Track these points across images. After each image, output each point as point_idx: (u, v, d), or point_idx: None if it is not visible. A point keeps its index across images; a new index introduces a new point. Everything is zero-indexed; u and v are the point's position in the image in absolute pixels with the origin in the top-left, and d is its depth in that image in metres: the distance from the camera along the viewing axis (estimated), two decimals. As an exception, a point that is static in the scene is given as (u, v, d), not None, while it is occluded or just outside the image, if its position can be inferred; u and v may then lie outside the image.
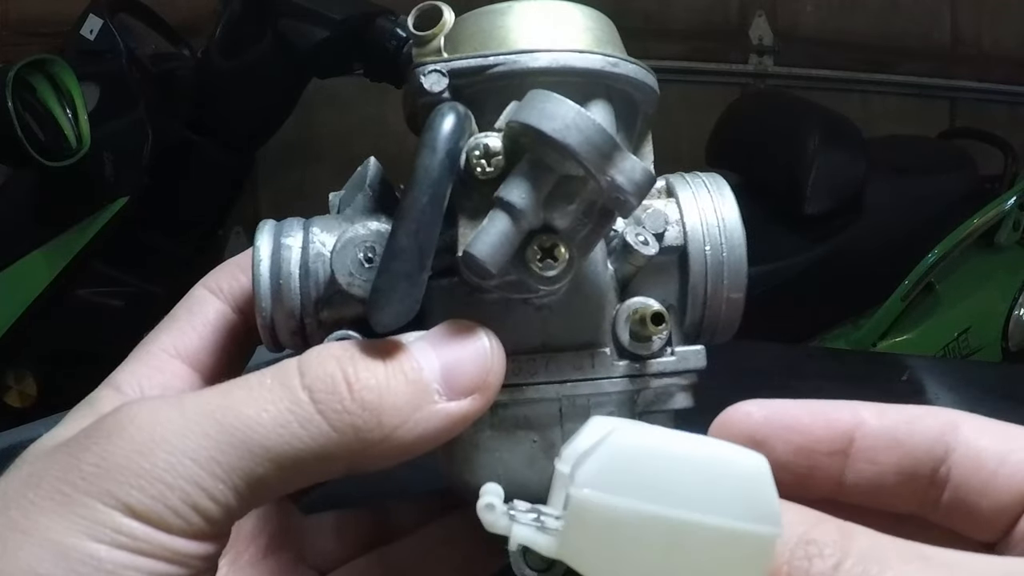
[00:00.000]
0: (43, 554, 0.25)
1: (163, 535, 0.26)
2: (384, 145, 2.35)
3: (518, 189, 0.29)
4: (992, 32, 2.46)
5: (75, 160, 1.35)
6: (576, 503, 0.25)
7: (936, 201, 1.71)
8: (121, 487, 0.26)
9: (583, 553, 0.25)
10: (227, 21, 1.51)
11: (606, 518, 0.24)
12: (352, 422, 0.28)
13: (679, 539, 0.24)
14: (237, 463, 0.27)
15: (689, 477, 0.25)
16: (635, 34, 1.90)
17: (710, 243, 0.35)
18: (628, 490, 0.25)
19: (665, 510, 0.24)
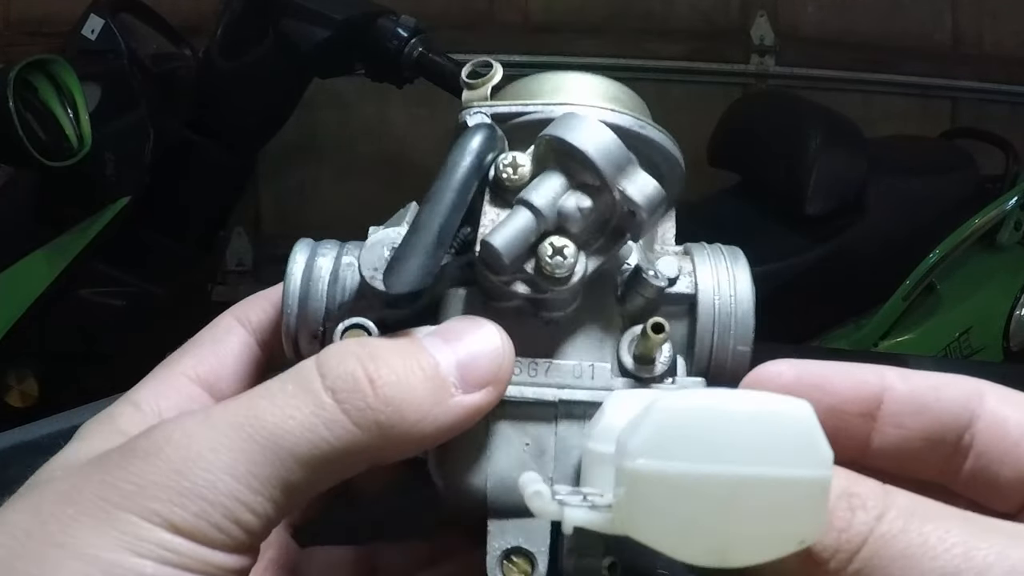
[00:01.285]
0: (87, 569, 0.25)
1: (207, 550, 0.26)
2: (385, 145, 2.37)
3: (538, 191, 0.31)
4: (993, 32, 2.46)
5: (76, 160, 1.35)
6: (632, 474, 0.25)
7: (937, 201, 1.71)
8: (164, 505, 0.26)
9: (643, 522, 0.25)
10: (228, 21, 1.51)
11: (663, 484, 0.25)
12: (376, 419, 0.28)
13: (736, 495, 0.25)
14: (271, 473, 0.27)
15: (738, 432, 0.25)
16: (636, 34, 1.90)
17: (719, 296, 0.36)
18: (681, 454, 0.25)
19: (720, 468, 0.25)
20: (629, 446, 0.25)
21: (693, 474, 0.25)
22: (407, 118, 2.26)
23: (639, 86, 0.38)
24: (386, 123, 2.27)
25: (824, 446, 0.25)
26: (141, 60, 1.50)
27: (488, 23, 2.31)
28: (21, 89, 1.31)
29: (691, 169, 0.40)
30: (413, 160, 2.29)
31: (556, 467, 0.31)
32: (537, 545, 0.31)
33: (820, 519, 0.25)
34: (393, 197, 0.39)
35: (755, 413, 0.25)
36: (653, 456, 0.25)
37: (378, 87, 1.48)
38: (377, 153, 2.27)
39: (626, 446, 0.25)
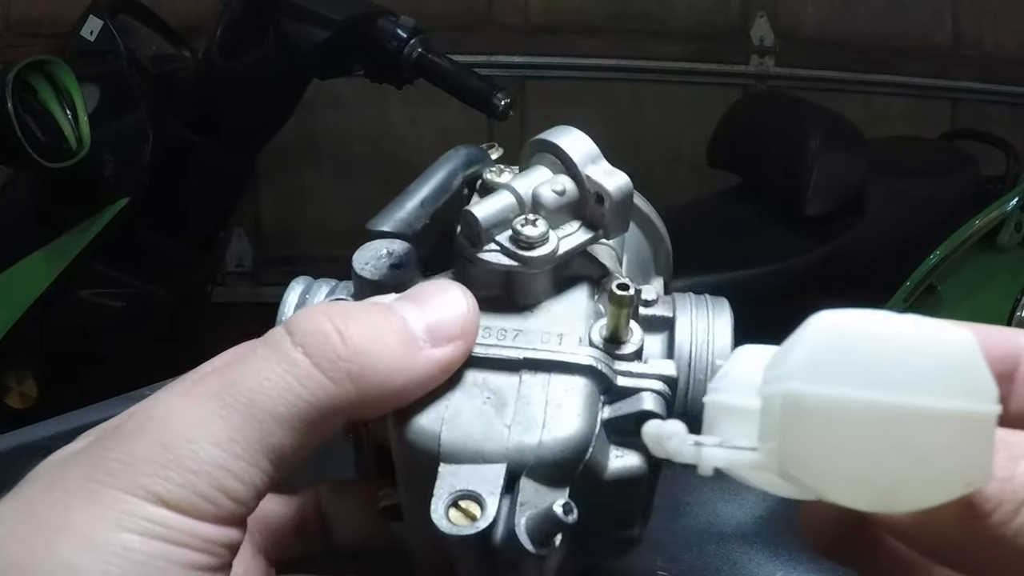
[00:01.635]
0: (76, 547, 0.25)
1: (194, 522, 0.26)
2: (385, 145, 2.37)
3: (518, 179, 0.35)
4: (994, 33, 2.46)
5: (75, 161, 1.35)
6: (788, 399, 0.23)
7: (938, 202, 1.71)
8: (150, 479, 0.26)
9: (799, 457, 0.23)
10: (228, 22, 1.51)
11: (823, 412, 0.22)
12: (348, 370, 0.28)
13: (901, 427, 0.22)
14: (253, 437, 0.27)
15: (902, 358, 0.23)
16: (636, 35, 1.90)
17: (697, 322, 0.36)
18: (841, 378, 0.23)
19: (883, 396, 0.22)
20: (784, 369, 0.23)
21: (855, 400, 0.22)
22: (407, 119, 2.26)
23: (639, 87, 0.38)
24: (386, 124, 2.27)
25: (990, 379, 0.23)
26: (140, 61, 1.49)
27: (488, 24, 2.31)
28: (20, 90, 1.31)
29: (691, 170, 0.40)
30: (413, 161, 2.27)
31: (515, 418, 0.31)
32: (488, 488, 0.29)
33: (987, 460, 0.23)
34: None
35: (919, 339, 0.23)
36: (811, 380, 0.23)
37: (378, 88, 1.47)
38: (377, 154, 2.27)
39: (780, 369, 0.23)
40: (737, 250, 1.61)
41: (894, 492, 0.23)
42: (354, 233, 0.37)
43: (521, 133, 2.35)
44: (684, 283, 1.57)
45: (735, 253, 1.60)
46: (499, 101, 1.36)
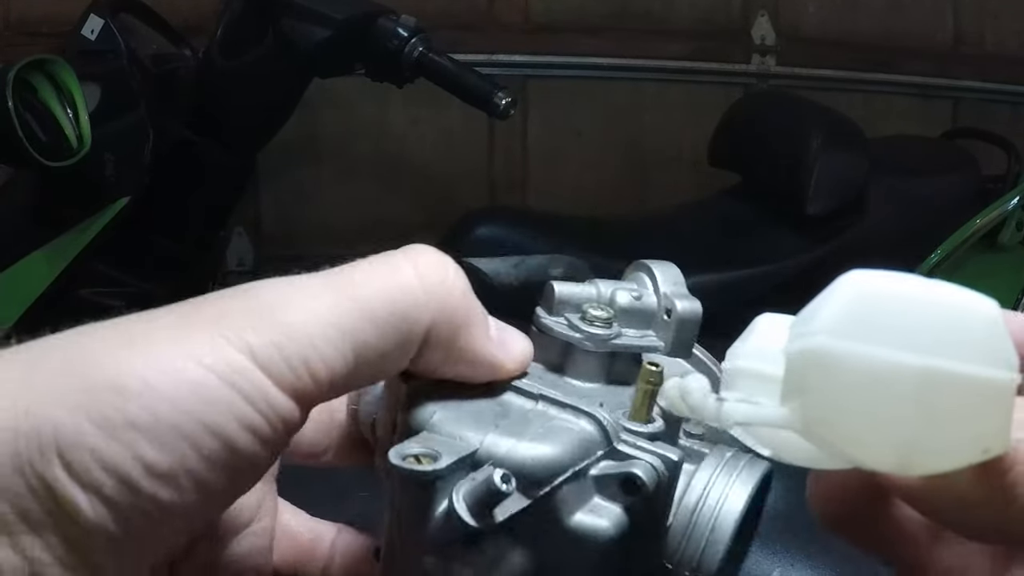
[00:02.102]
0: (152, 364, 0.26)
1: (270, 385, 0.26)
2: (385, 145, 2.38)
3: (604, 281, 0.37)
4: (995, 32, 2.46)
5: (76, 160, 1.35)
6: (817, 353, 0.23)
7: (939, 201, 1.71)
8: (244, 329, 0.26)
9: (823, 414, 0.23)
10: (228, 21, 1.51)
11: (850, 368, 0.22)
12: (442, 298, 0.30)
13: (924, 389, 0.22)
14: (348, 325, 0.28)
15: (928, 322, 0.23)
16: (637, 34, 1.91)
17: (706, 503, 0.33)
18: (870, 337, 0.23)
19: (913, 357, 0.22)
20: (812, 325, 0.23)
21: (882, 359, 0.22)
22: (407, 118, 2.26)
23: (640, 86, 0.38)
24: (386, 123, 2.27)
25: (1012, 349, 0.23)
26: (141, 60, 1.49)
27: (488, 23, 2.31)
28: (20, 89, 1.31)
29: (692, 169, 0.40)
30: (413, 160, 2.29)
31: (507, 424, 0.31)
32: (451, 453, 0.30)
33: (1005, 427, 0.23)
34: (393, 197, 0.39)
35: (947, 304, 0.23)
36: (840, 336, 0.23)
37: (378, 87, 1.47)
38: (377, 153, 2.27)
39: (807, 326, 0.23)
40: (738, 249, 1.61)
41: (913, 454, 0.23)
42: (354, 232, 0.37)
43: (522, 132, 2.35)
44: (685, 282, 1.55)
45: (736, 252, 1.60)
46: (500, 100, 1.37)
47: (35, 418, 0.25)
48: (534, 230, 1.55)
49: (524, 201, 2.38)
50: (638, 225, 1.75)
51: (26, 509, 0.25)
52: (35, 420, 0.25)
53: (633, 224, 1.76)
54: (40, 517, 0.25)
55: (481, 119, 1.57)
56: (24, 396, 0.25)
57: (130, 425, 0.25)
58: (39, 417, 0.25)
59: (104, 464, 0.25)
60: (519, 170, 2.38)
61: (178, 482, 0.25)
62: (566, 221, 1.69)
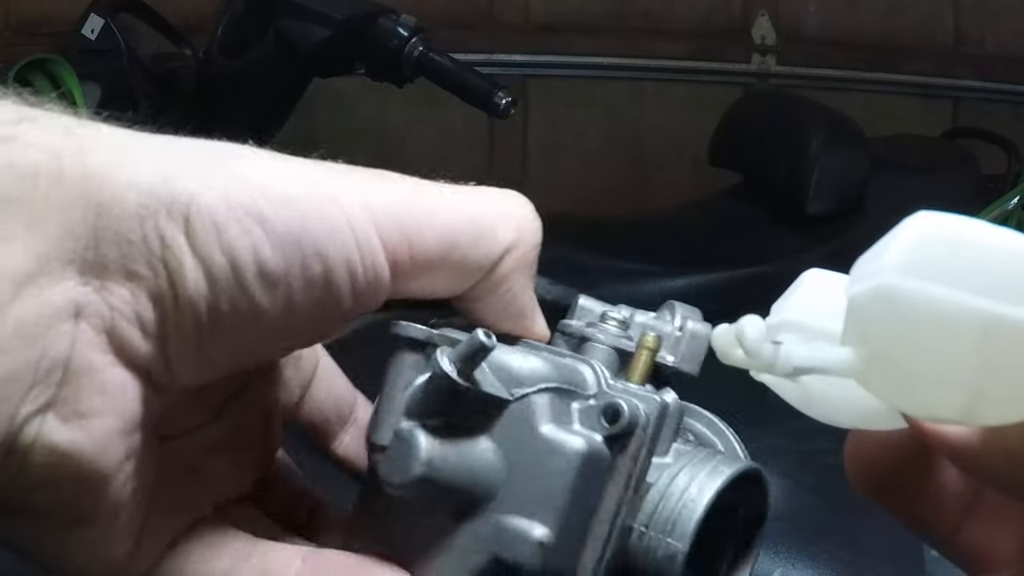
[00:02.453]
0: (289, 176, 0.28)
1: (379, 245, 0.29)
2: (385, 145, 2.37)
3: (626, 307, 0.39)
4: (995, 32, 2.46)
5: (76, 160, 1.35)
6: (885, 290, 0.22)
7: (939, 201, 1.69)
8: (368, 192, 0.31)
9: (888, 352, 0.22)
10: (228, 21, 1.51)
11: (922, 308, 0.22)
12: (529, 241, 0.32)
13: (997, 335, 0.21)
14: (455, 226, 0.30)
15: (999, 268, 0.22)
16: (637, 33, 1.90)
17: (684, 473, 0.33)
18: (941, 278, 0.22)
19: (984, 301, 0.22)
20: (878, 264, 0.22)
21: (953, 301, 0.21)
22: (407, 118, 2.26)
23: (640, 86, 0.38)
24: (386, 122, 2.27)
25: None
26: (141, 60, 1.49)
27: (488, 22, 2.31)
28: (21, 89, 1.31)
29: (692, 168, 0.40)
30: (413, 160, 2.28)
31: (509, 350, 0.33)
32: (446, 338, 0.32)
33: None
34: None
35: (1016, 250, 0.22)
36: (909, 275, 0.22)
37: (378, 87, 1.47)
38: (377, 153, 2.25)
39: (873, 265, 0.23)
40: (738, 249, 1.61)
41: (979, 404, 0.22)
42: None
43: (522, 132, 2.35)
44: (685, 281, 1.57)
45: (736, 252, 1.59)
46: (500, 100, 1.36)
47: (174, 183, 0.26)
48: (534, 230, 1.55)
49: (524, 201, 2.37)
50: (638, 225, 1.75)
51: (131, 258, 0.25)
52: (173, 185, 0.26)
53: (633, 224, 1.76)
54: (142, 270, 0.25)
55: (481, 119, 1.57)
56: (166, 163, 0.26)
57: (261, 220, 0.26)
58: (178, 183, 0.26)
59: (224, 245, 0.26)
60: (519, 170, 2.38)
61: (277, 291, 0.26)
62: (566, 221, 1.69)
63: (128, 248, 0.25)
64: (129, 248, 0.25)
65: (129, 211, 0.25)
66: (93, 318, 0.25)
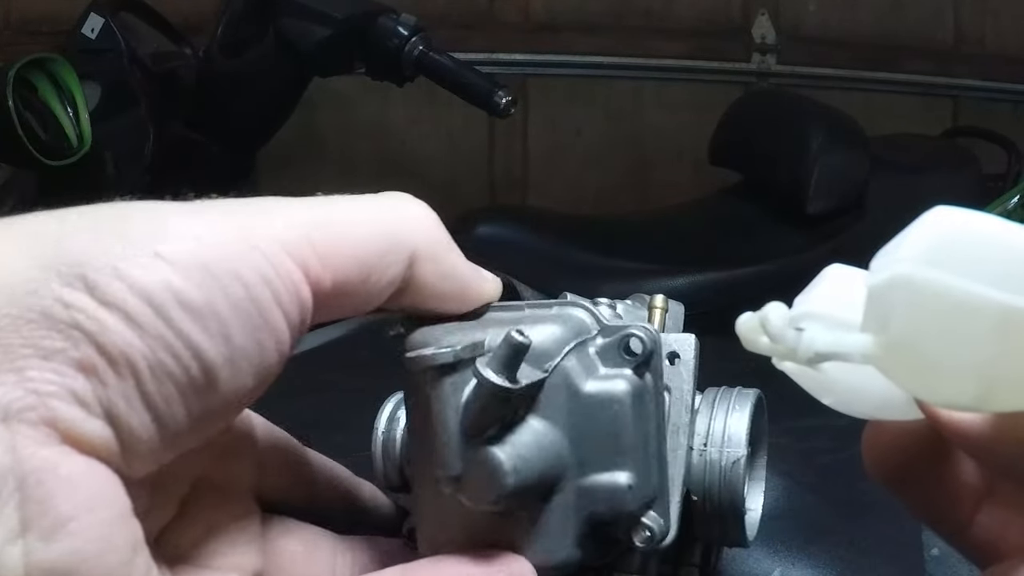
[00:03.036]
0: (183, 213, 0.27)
1: (296, 269, 0.27)
2: (386, 144, 2.37)
3: None
4: (995, 31, 2.46)
5: (76, 159, 1.35)
6: (904, 279, 0.23)
7: (939, 200, 1.68)
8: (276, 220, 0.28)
9: (907, 339, 0.23)
10: (228, 20, 1.51)
11: (940, 297, 0.23)
12: (429, 226, 0.32)
13: (1004, 323, 0.23)
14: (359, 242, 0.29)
15: (1012, 261, 0.23)
16: (637, 32, 1.91)
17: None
18: (957, 269, 0.23)
19: (998, 293, 0.23)
20: (899, 254, 0.23)
21: (970, 291, 0.22)
22: (407, 117, 2.26)
23: (640, 85, 0.38)
24: (387, 122, 2.27)
25: None
26: (141, 59, 1.49)
27: (489, 22, 2.31)
28: (21, 88, 1.31)
29: (693, 168, 0.40)
30: (413, 159, 2.29)
31: (506, 321, 0.34)
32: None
33: None
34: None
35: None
36: (926, 264, 0.23)
37: (378, 86, 1.47)
38: (378, 152, 2.27)
39: (894, 255, 0.24)
40: (738, 248, 1.61)
41: (992, 390, 0.23)
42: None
43: (522, 131, 2.35)
44: (685, 281, 1.57)
45: (736, 251, 1.60)
46: (500, 99, 1.36)
47: (63, 246, 0.24)
48: (534, 229, 1.55)
49: (524, 200, 2.38)
50: (638, 224, 1.75)
51: (39, 336, 0.23)
52: (62, 248, 0.24)
53: (633, 223, 1.76)
54: (56, 344, 0.23)
55: (481, 118, 1.57)
56: (56, 230, 0.25)
57: (163, 255, 0.24)
58: (67, 245, 0.24)
59: (134, 288, 0.24)
60: (519, 169, 2.38)
61: (208, 323, 0.24)
62: (566, 220, 1.69)
63: (31, 327, 0.23)
64: (32, 327, 0.23)
65: (18, 290, 0.23)
66: (24, 412, 0.22)
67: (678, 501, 0.34)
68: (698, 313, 0.49)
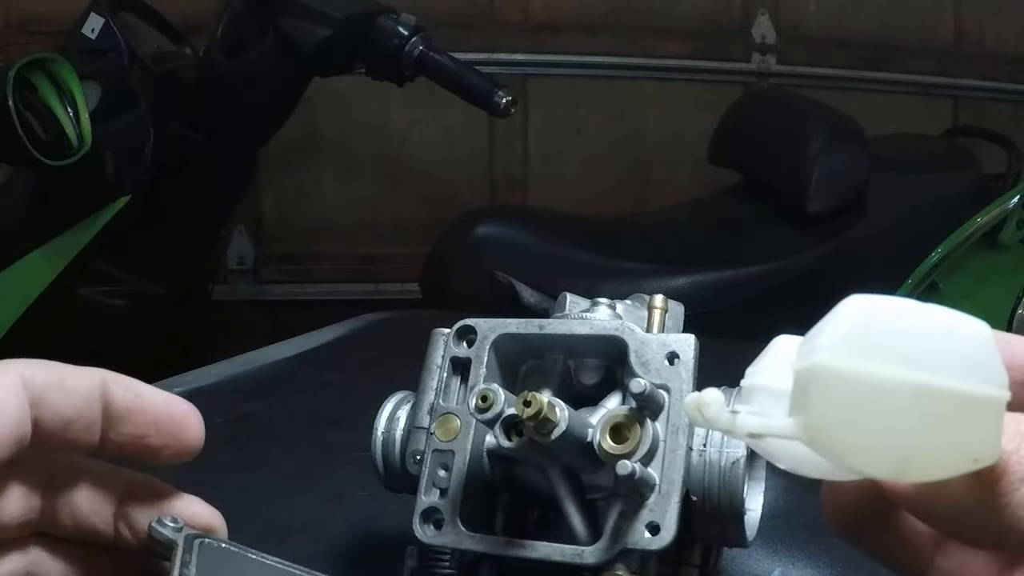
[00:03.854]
0: None
1: None
2: (386, 143, 2.37)
3: None
4: (995, 30, 2.46)
5: (76, 159, 1.35)
6: (824, 370, 0.24)
7: (939, 200, 1.70)
8: None
9: (827, 427, 0.25)
10: (229, 20, 1.51)
11: (853, 384, 0.24)
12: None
13: (920, 404, 0.24)
14: None
15: (924, 342, 0.25)
16: (638, 32, 1.91)
17: None
18: (869, 356, 0.25)
19: (908, 374, 0.24)
20: (815, 344, 0.25)
21: (879, 375, 0.24)
22: (407, 117, 2.26)
23: (640, 84, 0.38)
24: (387, 122, 2.27)
25: (1002, 368, 0.25)
26: (141, 59, 1.49)
27: (489, 22, 2.31)
28: (21, 88, 1.31)
29: (693, 168, 0.40)
30: (413, 159, 2.29)
31: None
32: None
33: (995, 440, 0.25)
34: (393, 196, 0.39)
35: (943, 325, 0.25)
36: (839, 355, 0.25)
37: (379, 86, 1.47)
38: (378, 151, 2.27)
39: (811, 345, 0.25)
40: (738, 248, 1.61)
41: (908, 462, 0.25)
42: (354, 231, 0.37)
43: (523, 131, 2.35)
44: (685, 280, 1.56)
45: (736, 251, 1.59)
46: (500, 99, 1.36)
47: None
48: (534, 229, 1.55)
49: (524, 200, 2.38)
50: (638, 224, 1.75)
51: None
52: None
53: (633, 223, 1.76)
54: None
55: (481, 118, 1.57)
56: None
57: None
58: None
59: None
60: (519, 169, 2.38)
61: None
62: (567, 220, 1.69)
63: None
64: None
65: None
66: None
67: (677, 501, 0.34)
68: (698, 313, 0.49)
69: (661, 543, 0.34)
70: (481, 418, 0.34)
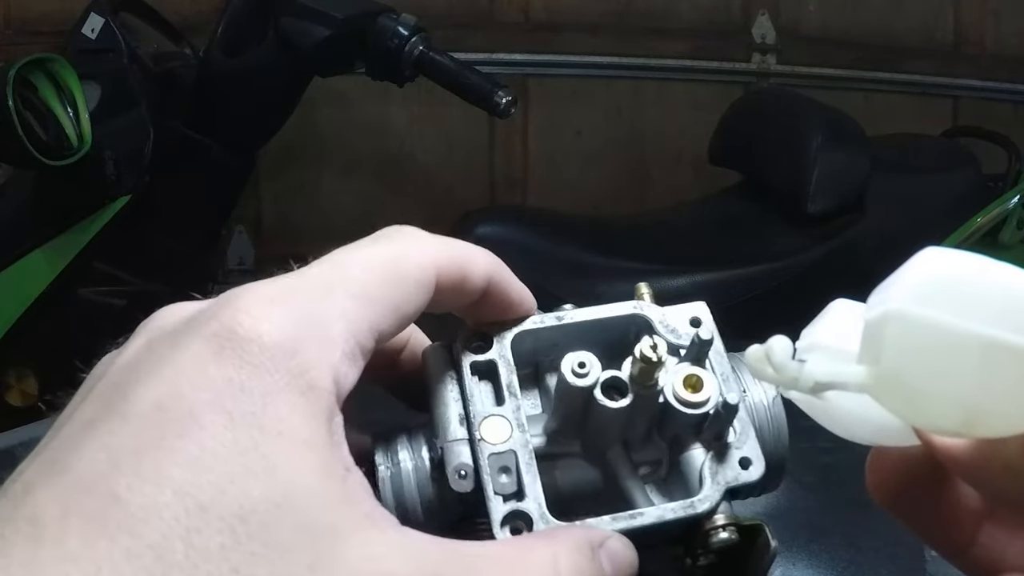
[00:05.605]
0: None
1: None
2: (386, 143, 2.37)
3: None
4: (995, 30, 2.46)
5: (76, 159, 1.35)
6: (895, 315, 0.25)
7: (939, 199, 1.70)
8: None
9: (897, 371, 0.25)
10: (229, 20, 1.51)
11: (928, 330, 0.25)
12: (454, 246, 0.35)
13: (991, 357, 0.25)
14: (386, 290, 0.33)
15: (994, 298, 0.25)
16: (638, 32, 1.91)
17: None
18: (943, 306, 0.25)
19: (980, 327, 0.25)
20: (891, 292, 0.26)
21: (955, 327, 0.25)
22: (408, 117, 2.26)
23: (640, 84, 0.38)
24: (387, 122, 2.27)
25: None
26: (141, 59, 1.49)
27: (489, 22, 2.31)
28: (21, 88, 1.31)
29: (693, 167, 0.40)
30: (413, 159, 2.29)
31: None
32: None
33: None
34: (393, 196, 0.39)
35: (1012, 282, 0.25)
36: (917, 303, 0.25)
37: (379, 86, 1.47)
38: (377, 152, 2.27)
39: (887, 294, 0.26)
40: (738, 248, 1.61)
41: (977, 416, 0.25)
42: (354, 231, 0.37)
43: (523, 131, 2.35)
44: (685, 280, 1.56)
45: (736, 251, 1.59)
46: (500, 99, 1.37)
47: None
48: (534, 229, 1.55)
49: (524, 200, 2.38)
50: (638, 224, 1.75)
51: None
52: None
53: (633, 223, 1.76)
54: None
55: (481, 118, 1.57)
56: None
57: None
58: None
59: None
60: (519, 169, 2.38)
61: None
62: (567, 220, 1.69)
63: None
64: None
65: None
66: None
67: (755, 435, 0.36)
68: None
69: (759, 472, 0.35)
70: (580, 384, 0.35)
